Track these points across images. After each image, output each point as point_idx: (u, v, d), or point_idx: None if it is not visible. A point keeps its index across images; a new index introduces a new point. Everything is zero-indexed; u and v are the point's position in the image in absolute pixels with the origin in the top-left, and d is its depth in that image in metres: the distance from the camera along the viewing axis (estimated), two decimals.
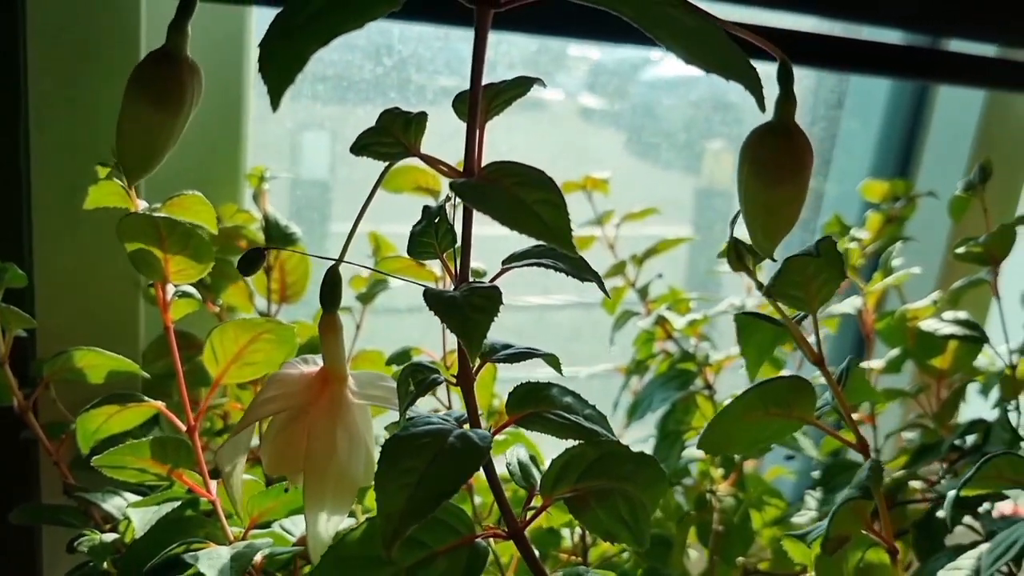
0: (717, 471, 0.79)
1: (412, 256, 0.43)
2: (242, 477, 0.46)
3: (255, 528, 0.53)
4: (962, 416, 0.79)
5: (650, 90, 1.18)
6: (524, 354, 0.42)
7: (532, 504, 0.43)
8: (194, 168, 0.74)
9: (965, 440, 0.72)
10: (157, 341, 0.71)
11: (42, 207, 0.68)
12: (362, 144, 0.38)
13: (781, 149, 0.37)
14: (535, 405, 0.42)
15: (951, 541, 0.60)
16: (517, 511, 0.42)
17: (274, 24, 0.30)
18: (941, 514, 0.65)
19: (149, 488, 0.57)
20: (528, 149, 1.07)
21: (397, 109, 0.39)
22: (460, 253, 0.40)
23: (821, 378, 0.50)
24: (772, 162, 0.37)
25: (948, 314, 0.73)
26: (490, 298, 0.36)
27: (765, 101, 0.33)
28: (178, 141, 0.39)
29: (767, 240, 0.38)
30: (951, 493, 0.49)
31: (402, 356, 0.71)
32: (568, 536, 0.72)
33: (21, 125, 0.65)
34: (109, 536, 0.54)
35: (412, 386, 0.38)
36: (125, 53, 0.67)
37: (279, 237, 0.74)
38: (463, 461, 0.35)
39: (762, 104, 0.33)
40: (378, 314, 0.82)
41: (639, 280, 0.90)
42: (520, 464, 0.45)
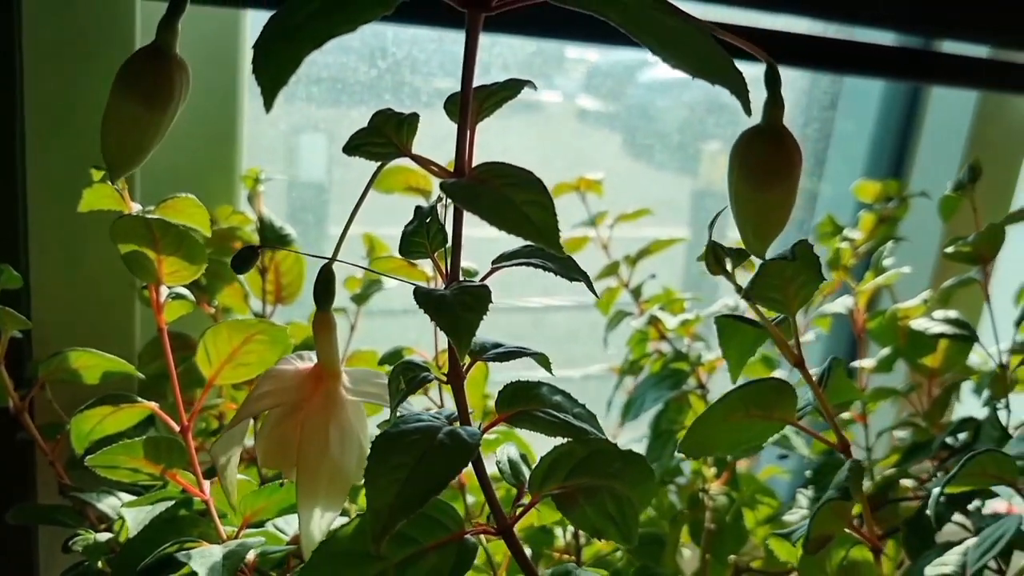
0: (710, 470, 0.79)
1: (404, 255, 0.43)
2: (236, 470, 0.46)
3: (248, 527, 0.53)
4: (957, 415, 0.80)
5: (647, 92, 1.18)
6: (514, 353, 0.42)
7: (521, 501, 0.43)
8: (189, 170, 0.74)
9: (957, 438, 0.72)
10: (153, 342, 0.71)
11: (38, 209, 0.68)
12: (355, 144, 0.38)
13: (770, 152, 0.37)
14: (525, 403, 0.42)
15: (944, 539, 0.61)
16: (509, 511, 0.43)
17: (268, 26, 0.31)
18: None
19: (144, 488, 0.57)
20: (525, 151, 1.08)
21: (390, 110, 0.39)
22: (451, 253, 0.40)
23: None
24: (761, 165, 0.37)
25: (938, 313, 0.73)
26: (479, 297, 0.36)
27: (751, 105, 0.33)
28: (169, 141, 0.40)
29: (758, 241, 0.39)
30: (935, 490, 0.50)
31: (394, 356, 0.71)
32: (561, 535, 0.72)
33: (17, 127, 0.66)
34: (104, 535, 0.55)
35: (403, 383, 0.39)
36: (121, 55, 0.66)
37: (274, 238, 0.74)
38: (452, 457, 0.35)
39: (748, 108, 0.33)
40: (374, 316, 0.82)
41: (632, 281, 0.91)
42: (510, 461, 0.45)
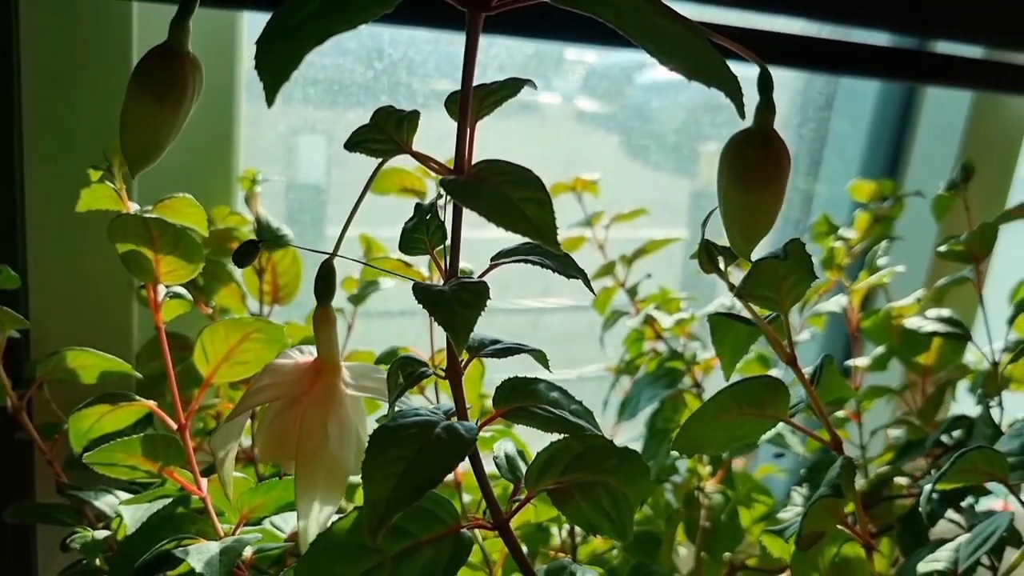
0: (705, 469, 0.80)
1: (404, 251, 0.44)
2: (234, 463, 0.46)
3: (245, 525, 0.53)
4: (954, 414, 0.80)
5: (646, 93, 1.18)
6: (512, 349, 0.42)
7: (518, 496, 0.43)
8: (187, 171, 0.74)
9: (951, 436, 0.72)
10: (151, 342, 0.71)
11: (36, 209, 0.68)
12: (356, 141, 0.39)
13: (758, 156, 0.38)
14: (522, 399, 0.42)
15: (938, 536, 0.61)
16: (505, 507, 0.43)
17: (271, 23, 0.31)
18: None
19: (141, 486, 0.57)
20: (524, 152, 1.08)
21: (391, 107, 0.39)
22: (449, 249, 0.40)
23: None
24: (749, 168, 0.38)
25: (932, 312, 0.74)
26: (478, 293, 0.36)
27: (745, 108, 0.34)
28: (177, 137, 0.40)
29: (744, 243, 0.39)
30: (927, 487, 0.50)
31: (391, 356, 0.71)
32: (557, 534, 0.72)
33: (15, 128, 0.66)
34: (101, 533, 0.55)
35: (402, 378, 0.39)
36: (118, 56, 0.67)
37: (271, 239, 0.75)
38: (449, 451, 0.35)
39: (742, 110, 0.33)
40: (371, 317, 0.82)
41: (628, 280, 0.91)
42: (507, 457, 0.46)
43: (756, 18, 0.87)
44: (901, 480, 0.73)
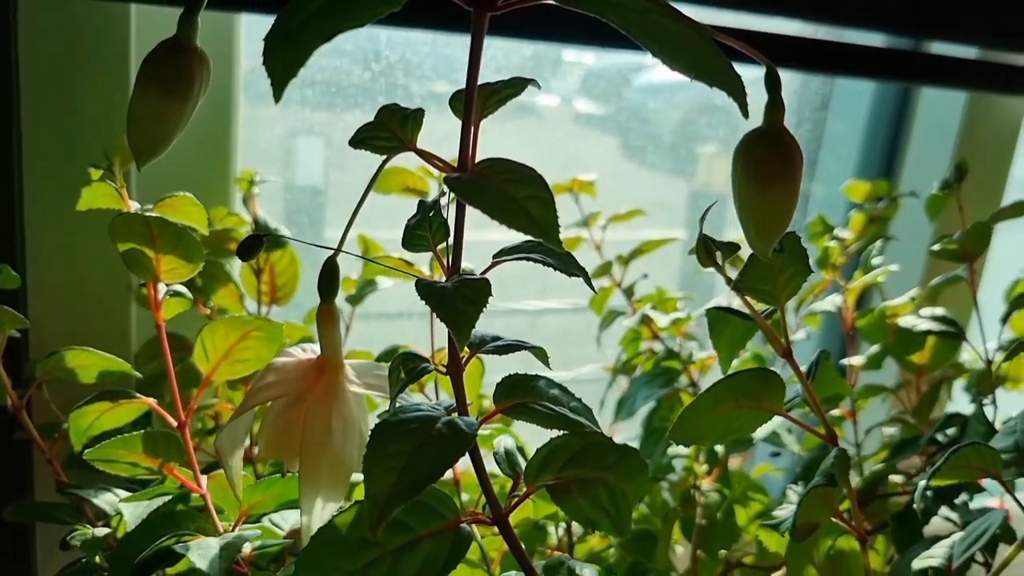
0: (701, 467, 0.80)
1: (407, 247, 0.44)
2: (241, 462, 0.46)
3: (245, 522, 0.54)
4: (947, 412, 0.81)
5: (643, 95, 1.19)
6: (512, 346, 0.42)
7: (517, 492, 0.44)
8: (184, 172, 0.74)
9: (945, 434, 0.73)
10: (150, 343, 0.72)
11: (35, 208, 0.68)
12: (360, 138, 0.39)
13: (771, 153, 0.38)
14: (522, 396, 0.42)
15: (932, 533, 0.62)
16: (505, 503, 0.43)
17: (278, 21, 0.31)
18: None
19: (141, 484, 0.57)
20: (522, 154, 1.08)
21: (395, 105, 0.39)
22: (452, 247, 0.41)
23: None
24: (763, 166, 0.38)
25: (926, 310, 0.74)
26: (480, 290, 0.37)
27: (748, 107, 0.34)
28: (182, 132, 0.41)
29: (760, 240, 0.39)
30: (921, 484, 0.51)
31: (390, 355, 0.71)
32: (554, 532, 0.73)
33: (14, 128, 0.66)
34: (101, 531, 0.55)
35: (403, 373, 0.39)
36: (117, 56, 0.68)
37: (269, 240, 0.75)
38: (450, 446, 0.36)
39: (745, 110, 0.34)
40: (370, 318, 0.82)
41: (625, 281, 0.92)
42: (507, 452, 0.46)
43: (751, 20, 0.88)
44: (896, 478, 0.73)
